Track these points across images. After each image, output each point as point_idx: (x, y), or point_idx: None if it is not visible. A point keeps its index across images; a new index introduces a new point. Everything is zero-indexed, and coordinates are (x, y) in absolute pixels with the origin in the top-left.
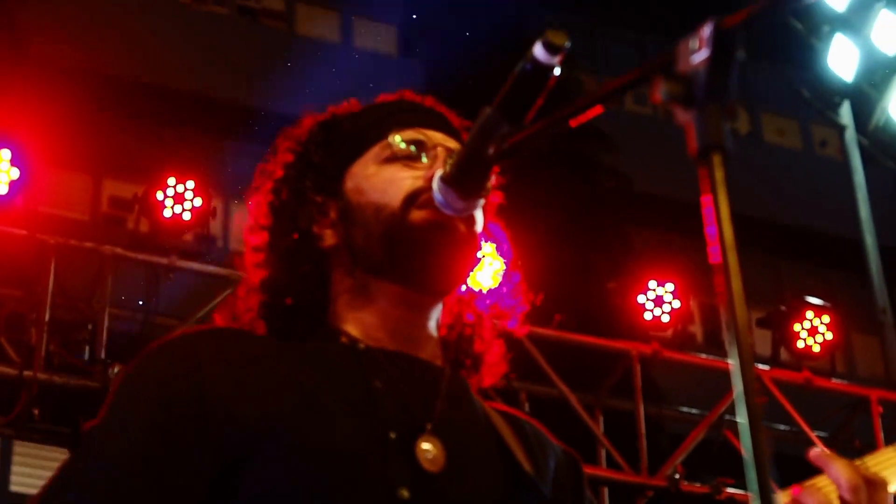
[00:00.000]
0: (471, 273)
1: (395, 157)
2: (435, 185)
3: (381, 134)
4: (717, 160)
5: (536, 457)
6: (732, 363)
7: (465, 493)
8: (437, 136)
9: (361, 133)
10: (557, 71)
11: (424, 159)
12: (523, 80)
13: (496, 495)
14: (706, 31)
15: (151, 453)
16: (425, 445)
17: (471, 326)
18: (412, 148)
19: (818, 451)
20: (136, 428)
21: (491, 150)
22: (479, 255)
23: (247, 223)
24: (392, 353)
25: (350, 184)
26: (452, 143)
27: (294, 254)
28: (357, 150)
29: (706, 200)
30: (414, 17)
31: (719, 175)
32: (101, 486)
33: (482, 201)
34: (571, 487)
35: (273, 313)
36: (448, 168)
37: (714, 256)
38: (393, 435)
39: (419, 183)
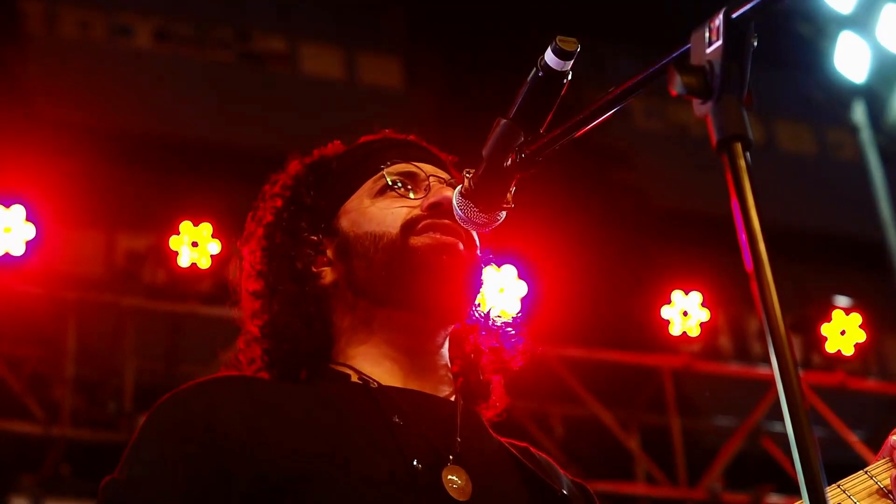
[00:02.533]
0: (475, 298)
1: (389, 189)
2: (455, 200)
3: (373, 169)
4: (738, 149)
5: (554, 482)
6: (774, 364)
7: None
8: (428, 168)
9: (352, 170)
10: (570, 77)
11: (416, 192)
12: (536, 87)
13: None
14: (717, 21)
15: None
16: (451, 476)
17: (472, 360)
18: (405, 180)
19: None
20: (154, 482)
21: (509, 161)
22: (481, 277)
23: (242, 271)
24: (404, 391)
25: (345, 220)
26: (444, 174)
27: (294, 295)
28: (350, 188)
29: (731, 189)
30: (417, 46)
31: (742, 163)
32: None
33: (504, 214)
34: None
35: (277, 361)
36: (468, 182)
37: (742, 244)
38: (419, 467)
39: (416, 212)
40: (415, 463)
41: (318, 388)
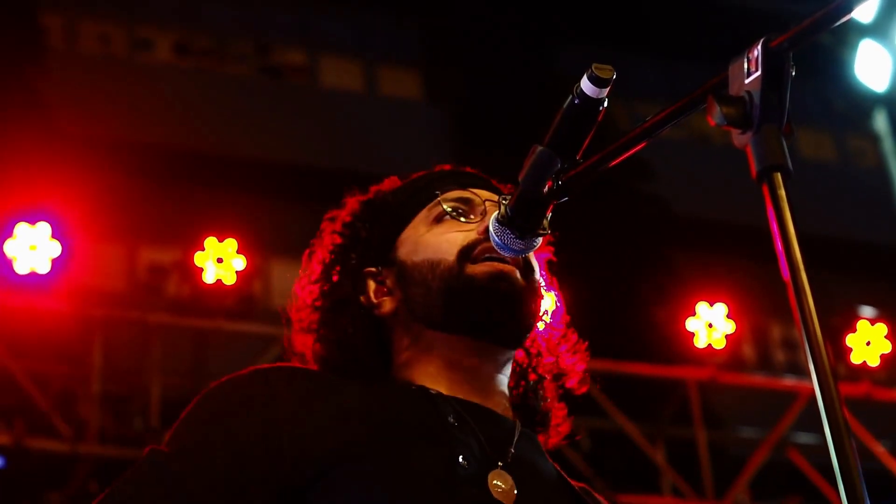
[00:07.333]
0: (536, 322)
1: (445, 216)
2: (492, 227)
3: (428, 197)
4: (778, 180)
5: None
6: (814, 378)
7: None
8: (484, 193)
9: (408, 201)
10: (606, 104)
11: (472, 217)
12: (572, 115)
13: None
14: (756, 51)
15: (215, 480)
16: (497, 481)
17: (533, 387)
18: (461, 205)
19: None
20: (198, 456)
21: (546, 188)
22: (543, 301)
23: (298, 308)
24: (463, 402)
25: (402, 249)
26: None
27: (353, 330)
28: (406, 218)
29: (771, 220)
30: (436, 58)
31: (782, 194)
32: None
33: (540, 240)
34: None
35: (337, 366)
36: (504, 209)
37: (784, 275)
38: (465, 464)
39: (472, 236)
40: (461, 459)
41: (376, 387)
